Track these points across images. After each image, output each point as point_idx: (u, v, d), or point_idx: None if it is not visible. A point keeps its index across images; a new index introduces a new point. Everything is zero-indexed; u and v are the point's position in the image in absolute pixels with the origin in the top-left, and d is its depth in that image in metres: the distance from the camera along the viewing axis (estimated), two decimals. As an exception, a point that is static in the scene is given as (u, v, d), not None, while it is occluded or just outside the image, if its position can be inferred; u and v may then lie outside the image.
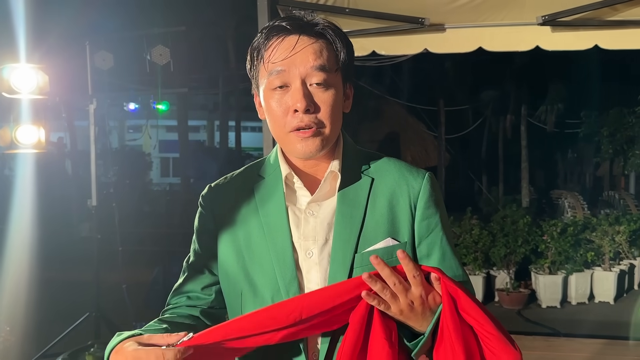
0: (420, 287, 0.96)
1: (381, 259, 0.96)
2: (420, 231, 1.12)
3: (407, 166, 1.17)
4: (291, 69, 1.05)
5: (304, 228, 1.10)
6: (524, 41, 4.27)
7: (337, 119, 1.09)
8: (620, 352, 4.39)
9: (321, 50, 1.07)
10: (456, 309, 0.96)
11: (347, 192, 1.11)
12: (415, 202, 1.12)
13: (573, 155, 24.76)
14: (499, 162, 18.39)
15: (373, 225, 1.10)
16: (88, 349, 3.76)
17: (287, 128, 1.07)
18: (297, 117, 1.05)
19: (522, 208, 9.91)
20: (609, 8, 3.90)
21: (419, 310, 0.96)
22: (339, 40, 1.10)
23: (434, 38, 4.35)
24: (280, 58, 1.05)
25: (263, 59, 1.08)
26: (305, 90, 1.05)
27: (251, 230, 1.13)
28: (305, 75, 1.05)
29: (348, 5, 4.11)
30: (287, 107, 1.06)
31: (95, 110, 4.65)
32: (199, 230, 1.20)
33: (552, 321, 6.01)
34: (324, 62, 1.06)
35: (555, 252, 6.73)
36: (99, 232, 4.66)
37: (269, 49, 1.07)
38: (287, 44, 1.06)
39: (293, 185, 1.13)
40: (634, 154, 13.36)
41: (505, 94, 17.83)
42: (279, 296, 1.08)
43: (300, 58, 1.05)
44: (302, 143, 1.07)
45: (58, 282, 6.70)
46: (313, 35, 1.08)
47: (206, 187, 1.22)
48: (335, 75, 1.08)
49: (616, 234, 6.91)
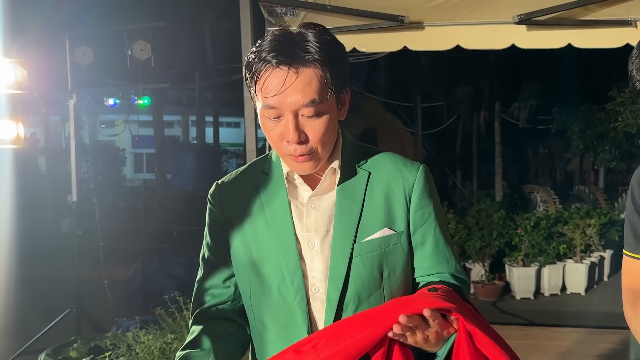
0: (437, 326, 1.02)
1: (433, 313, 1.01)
2: (415, 221, 1.19)
3: (403, 159, 1.23)
4: (282, 105, 1.07)
5: (306, 220, 1.17)
6: (500, 39, 4.37)
7: (331, 138, 1.14)
8: (592, 340, 4.56)
9: (310, 82, 1.06)
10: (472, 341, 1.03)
11: (346, 186, 1.18)
12: (410, 193, 1.19)
13: (544, 150, 25.23)
14: (473, 157, 18.67)
15: (370, 216, 1.17)
16: (71, 344, 3.74)
17: (283, 152, 1.12)
18: (291, 146, 1.10)
19: (496, 202, 10.11)
20: (582, 8, 4.02)
21: (434, 341, 1.03)
22: (330, 61, 1.08)
23: (413, 36, 4.43)
24: (271, 94, 1.06)
25: (256, 87, 1.09)
26: (296, 122, 1.08)
27: (257, 224, 1.19)
28: (296, 110, 1.08)
29: (329, 3, 4.15)
30: (281, 135, 1.10)
31: (74, 106, 4.62)
32: (211, 225, 1.26)
33: (526, 312, 6.18)
34: (314, 95, 1.07)
35: (529, 245, 6.91)
36: (79, 228, 4.64)
37: (260, 81, 1.08)
38: (277, 80, 1.06)
39: (294, 181, 1.19)
40: (604, 149, 13.70)
41: (479, 91, 18.11)
42: (285, 285, 1.15)
43: (290, 95, 1.06)
44: (298, 166, 1.13)
45: (38, 279, 6.63)
46: (302, 65, 1.06)
47: (213, 185, 1.27)
48: (327, 100, 1.09)
49: (587, 227, 7.11)
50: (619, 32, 4.21)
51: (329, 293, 1.14)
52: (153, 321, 3.92)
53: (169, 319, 3.71)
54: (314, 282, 1.16)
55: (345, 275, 1.14)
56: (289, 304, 1.15)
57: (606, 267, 7.60)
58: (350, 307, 1.15)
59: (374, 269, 1.16)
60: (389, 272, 1.17)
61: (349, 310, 1.14)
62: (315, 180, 1.19)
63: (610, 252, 7.65)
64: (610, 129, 12.49)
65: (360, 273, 1.15)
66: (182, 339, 3.40)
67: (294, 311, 1.15)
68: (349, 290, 1.14)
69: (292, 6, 4.15)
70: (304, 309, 1.14)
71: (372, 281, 1.15)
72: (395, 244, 1.17)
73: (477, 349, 1.03)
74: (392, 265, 1.17)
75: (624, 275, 1.35)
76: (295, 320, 1.15)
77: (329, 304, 1.14)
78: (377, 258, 1.16)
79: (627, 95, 10.21)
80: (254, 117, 3.97)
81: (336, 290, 1.14)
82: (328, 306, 1.14)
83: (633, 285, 1.32)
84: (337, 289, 1.14)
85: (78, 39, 4.56)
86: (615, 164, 13.88)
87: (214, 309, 1.24)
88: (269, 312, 1.17)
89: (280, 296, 1.16)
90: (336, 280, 1.14)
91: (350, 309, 1.14)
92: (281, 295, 1.16)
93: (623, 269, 1.35)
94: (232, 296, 1.25)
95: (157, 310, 3.78)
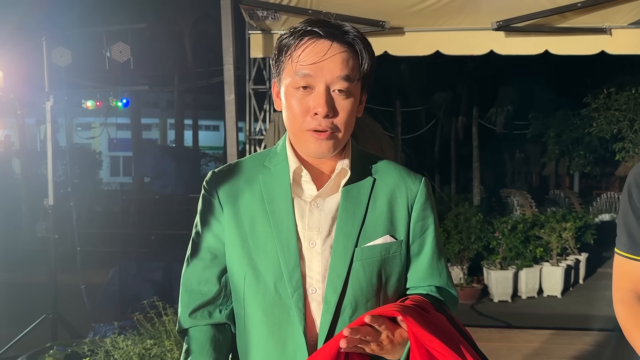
0: (386, 331, 1.05)
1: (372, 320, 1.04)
2: (415, 231, 1.21)
3: (406, 170, 1.26)
4: (318, 74, 1.10)
5: (309, 219, 1.16)
6: (479, 45, 4.44)
7: (352, 124, 1.16)
8: (568, 342, 4.64)
9: (348, 60, 1.11)
10: (423, 344, 1.06)
11: (351, 189, 1.18)
12: (412, 203, 1.21)
13: (521, 155, 25.60)
14: (452, 162, 18.84)
15: (373, 222, 1.17)
16: (47, 350, 3.68)
17: (305, 127, 1.12)
18: (316, 119, 1.11)
19: (474, 206, 10.22)
20: (559, 15, 4.11)
21: (389, 348, 1.06)
22: (366, 51, 1.14)
23: (393, 41, 4.47)
24: (310, 62, 1.10)
25: (292, 58, 1.12)
26: (328, 96, 1.10)
27: (256, 217, 1.17)
28: (331, 82, 1.10)
29: (311, 7, 4.17)
30: (308, 108, 1.11)
31: (51, 108, 4.55)
32: (205, 214, 1.22)
33: (504, 314, 6.24)
34: (349, 72, 1.11)
35: (506, 248, 6.99)
36: (55, 232, 4.56)
37: (299, 50, 1.11)
38: (319, 49, 1.10)
39: (300, 179, 1.19)
40: (579, 154, 13.95)
41: (457, 96, 18.30)
42: (282, 282, 1.13)
43: (329, 65, 1.10)
44: (317, 144, 1.13)
45: (13, 284, 6.49)
46: (344, 43, 1.12)
47: (209, 173, 1.25)
48: (356, 85, 1.14)
49: (563, 230, 7.22)
50: (594, 40, 4.31)
51: (327, 295, 1.13)
52: (131, 327, 3.87)
53: (148, 325, 3.67)
54: (311, 282, 1.14)
55: (344, 278, 1.14)
56: (284, 302, 1.13)
57: (582, 270, 7.72)
58: (347, 311, 1.14)
59: (373, 275, 1.16)
60: (386, 280, 1.17)
61: (346, 315, 1.13)
62: (320, 179, 1.19)
63: (586, 255, 7.78)
64: (585, 134, 12.74)
65: (359, 277, 1.15)
66: (161, 344, 3.36)
67: (290, 310, 1.13)
68: (347, 295, 1.14)
69: (274, 10, 4.15)
70: (301, 309, 1.12)
71: (370, 287, 1.15)
72: (395, 252, 1.18)
73: (429, 353, 1.05)
74: (389, 273, 1.18)
75: (616, 275, 1.35)
76: (290, 319, 1.13)
77: (327, 307, 1.13)
78: (377, 264, 1.16)
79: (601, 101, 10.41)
80: (235, 120, 3.95)
81: (334, 293, 1.13)
82: (325, 309, 1.13)
83: (625, 285, 1.32)
84: (336, 292, 1.13)
85: (56, 40, 4.49)
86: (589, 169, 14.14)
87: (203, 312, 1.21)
88: (263, 309, 1.14)
89: (277, 293, 1.13)
90: (335, 282, 1.13)
91: (347, 313, 1.13)
92: (277, 292, 1.13)
93: (614, 268, 1.35)
94: (222, 293, 1.21)
95: (136, 316, 3.73)
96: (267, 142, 4.92)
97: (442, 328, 1.09)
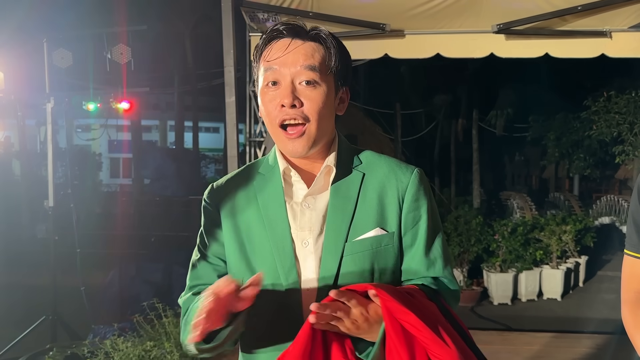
0: (358, 307, 1.03)
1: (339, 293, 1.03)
2: (407, 223, 1.20)
3: (398, 162, 1.26)
4: (282, 67, 1.14)
5: (300, 220, 1.19)
6: (479, 48, 4.44)
7: (325, 116, 1.17)
8: (568, 344, 4.63)
9: (313, 53, 1.15)
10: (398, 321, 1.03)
11: (340, 186, 1.20)
12: (403, 195, 1.20)
13: (521, 158, 25.62)
14: (452, 164, 18.87)
15: (363, 216, 1.18)
16: (47, 352, 3.67)
17: (276, 122, 1.15)
18: (284, 111, 1.14)
19: (474, 209, 10.21)
20: (559, 19, 4.11)
21: (365, 326, 1.04)
22: (333, 45, 1.18)
23: (394, 44, 4.47)
24: (274, 57, 1.15)
25: (261, 59, 1.18)
26: (293, 87, 1.14)
27: (251, 222, 1.21)
28: (295, 75, 1.14)
29: (312, 9, 4.17)
30: (277, 103, 1.15)
31: (52, 109, 4.55)
32: (207, 224, 1.27)
33: (504, 317, 6.23)
34: (314, 62, 1.15)
35: (506, 250, 6.99)
36: (55, 234, 4.56)
37: (267, 50, 1.17)
38: (281, 45, 1.15)
39: (290, 180, 1.21)
40: (579, 157, 13.96)
41: (457, 99, 18.33)
42: (279, 283, 1.16)
43: (292, 57, 1.14)
44: (291, 143, 1.15)
45: (13, 285, 6.48)
46: (307, 38, 1.17)
47: (209, 187, 1.29)
48: (325, 77, 1.16)
49: (563, 233, 7.22)
50: (594, 43, 4.31)
51: (320, 291, 1.15)
52: (131, 328, 3.87)
53: (148, 326, 3.67)
54: (307, 281, 1.16)
55: (335, 273, 1.15)
56: (282, 302, 1.16)
57: (582, 273, 7.72)
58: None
59: (365, 269, 1.16)
60: (380, 273, 1.18)
61: None
62: (311, 180, 1.20)
63: (586, 258, 7.78)
64: (584, 137, 12.74)
65: (350, 272, 1.16)
66: (161, 346, 3.37)
67: (288, 309, 1.15)
68: None
69: (274, 12, 4.16)
70: (298, 308, 1.15)
71: (363, 281, 1.15)
72: (387, 244, 1.18)
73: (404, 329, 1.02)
74: (383, 265, 1.18)
75: (625, 276, 1.30)
76: (289, 319, 1.15)
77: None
78: (369, 257, 1.17)
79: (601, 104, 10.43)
80: (235, 122, 3.96)
81: (327, 288, 1.13)
82: None
83: (634, 286, 1.28)
84: (328, 288, 1.13)
85: (56, 41, 4.50)
86: (589, 172, 14.16)
87: None
88: (261, 310, 1.16)
89: (274, 294, 1.16)
90: (327, 278, 1.15)
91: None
92: (275, 293, 1.16)
93: (624, 269, 1.31)
94: None
95: (136, 317, 3.73)
96: (267, 144, 4.92)
97: (423, 309, 1.06)
